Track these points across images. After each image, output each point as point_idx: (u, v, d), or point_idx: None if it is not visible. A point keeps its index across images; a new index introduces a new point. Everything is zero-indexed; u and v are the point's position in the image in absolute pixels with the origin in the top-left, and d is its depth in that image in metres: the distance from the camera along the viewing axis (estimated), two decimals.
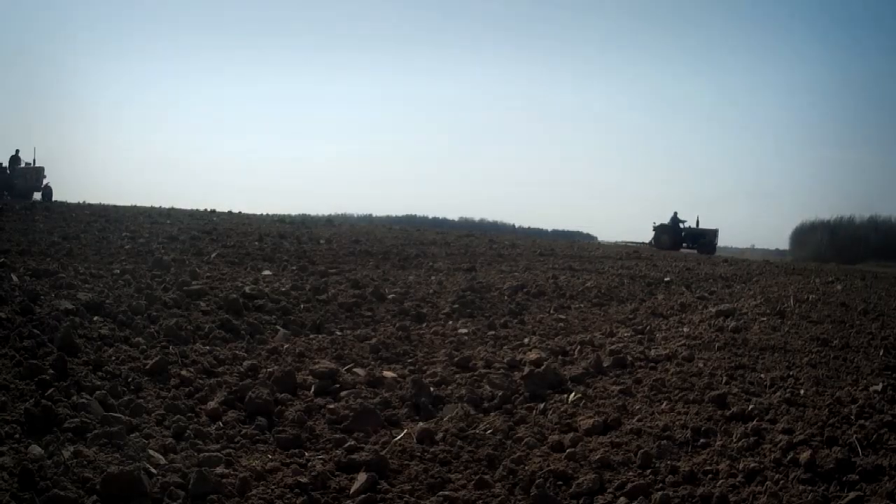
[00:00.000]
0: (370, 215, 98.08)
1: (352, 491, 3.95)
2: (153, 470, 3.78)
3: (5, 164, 42.53)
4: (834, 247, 67.41)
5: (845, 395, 6.89)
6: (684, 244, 42.33)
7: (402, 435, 4.85)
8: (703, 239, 42.81)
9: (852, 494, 4.44)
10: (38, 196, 41.22)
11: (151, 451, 4.08)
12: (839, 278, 23.38)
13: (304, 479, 3.94)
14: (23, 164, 42.67)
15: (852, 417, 6.16)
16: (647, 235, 45.90)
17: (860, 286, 21.26)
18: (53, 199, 39.49)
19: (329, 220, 43.74)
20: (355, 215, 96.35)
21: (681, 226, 44.23)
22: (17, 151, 43.03)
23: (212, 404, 4.94)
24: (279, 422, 4.90)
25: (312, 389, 5.63)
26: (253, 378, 5.63)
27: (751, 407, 6.23)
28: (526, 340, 8.50)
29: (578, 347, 8.17)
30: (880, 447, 5.52)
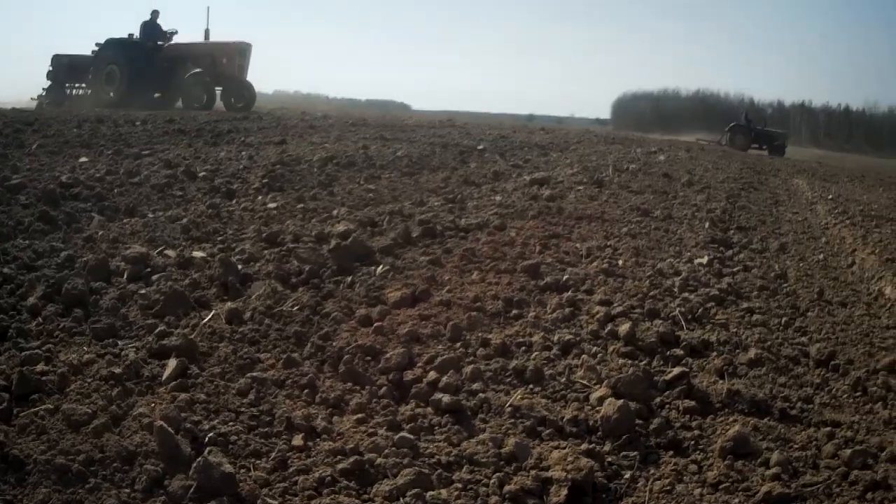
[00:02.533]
0: None
1: (164, 378, 3.89)
2: None
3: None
4: (658, 118, 69.95)
5: (667, 266, 7.15)
6: (755, 145, 42.13)
7: (210, 316, 4.78)
8: (776, 141, 42.75)
9: (677, 370, 4.58)
10: None
11: None
12: (662, 149, 24.20)
13: (117, 370, 3.83)
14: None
15: (675, 290, 6.39)
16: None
17: (685, 157, 22.05)
18: None
19: None
20: None
21: (753, 126, 44.24)
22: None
23: (31, 300, 4.76)
24: (94, 312, 4.74)
25: (125, 276, 5.48)
26: (70, 269, 5.45)
27: (566, 277, 6.38)
28: (335, 212, 8.48)
29: (387, 218, 8.18)
30: (707, 322, 5.75)
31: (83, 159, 11.07)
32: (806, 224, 11.81)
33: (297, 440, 3.47)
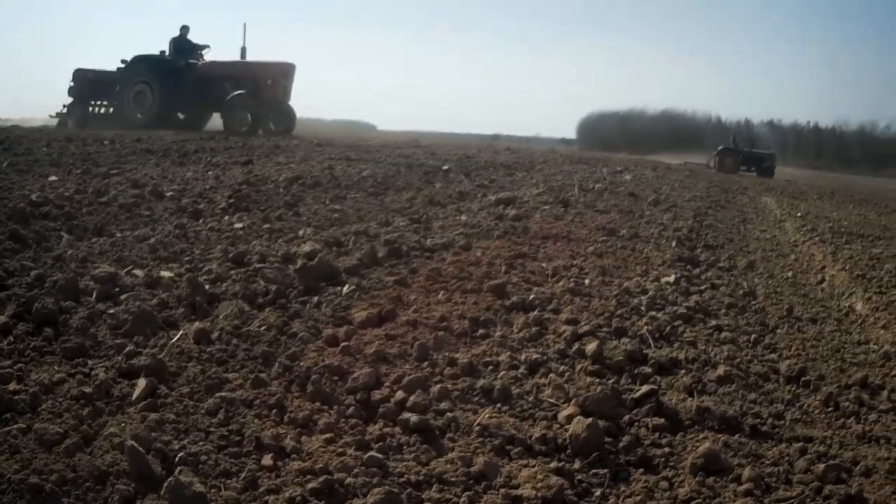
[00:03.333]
0: None
1: (133, 398, 3.90)
2: None
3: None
4: (624, 138, 70.29)
5: (634, 285, 7.23)
6: (743, 167, 42.35)
7: (178, 336, 4.79)
8: (765, 162, 43.02)
9: (646, 387, 4.61)
10: None
11: None
12: (628, 168, 24.40)
13: (88, 390, 3.85)
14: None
15: (642, 309, 6.47)
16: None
17: (651, 177, 22.24)
18: None
19: None
20: None
21: (741, 149, 44.43)
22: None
23: (2, 318, 4.75)
24: (65, 331, 4.74)
25: (94, 295, 5.47)
26: (40, 288, 5.44)
27: (532, 297, 6.44)
28: (301, 232, 8.51)
29: (353, 238, 8.22)
30: (675, 340, 5.82)
31: (52, 178, 11.09)
32: (774, 242, 11.94)
33: (267, 460, 3.49)
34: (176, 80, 29.51)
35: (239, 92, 29.11)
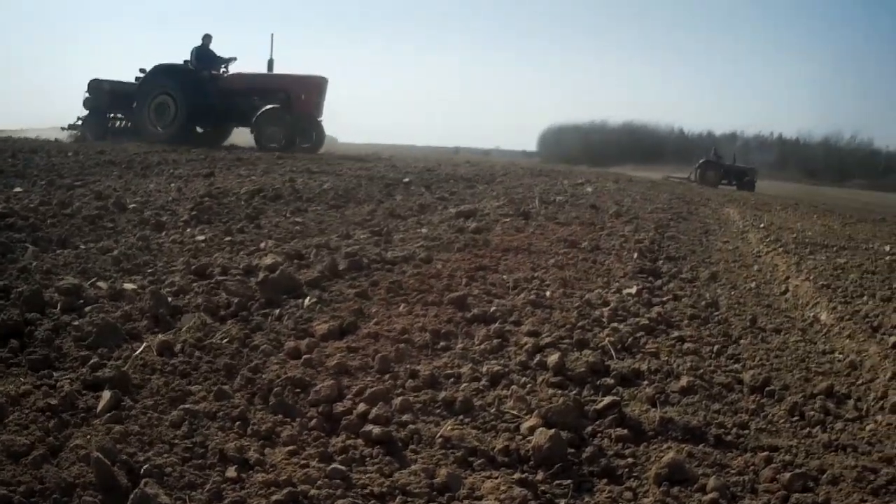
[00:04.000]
0: None
1: (98, 409, 3.91)
2: None
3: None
4: (586, 150, 70.73)
5: (596, 297, 7.31)
6: (724, 181, 42.87)
7: (142, 349, 4.80)
8: (746, 176, 44.06)
9: (608, 399, 4.65)
10: None
11: None
12: (590, 180, 24.56)
13: (53, 401, 3.86)
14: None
15: (604, 320, 6.55)
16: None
17: (613, 189, 22.40)
18: None
19: None
20: None
21: (723, 162, 45.18)
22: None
23: None
24: (30, 343, 4.75)
25: (59, 307, 5.48)
26: (5, 300, 5.46)
27: (493, 309, 6.51)
28: (262, 245, 8.55)
29: (314, 251, 8.24)
30: (637, 351, 5.89)
31: (17, 189, 11.11)
32: (737, 253, 12.09)
33: (231, 472, 3.51)
34: (201, 92, 28.17)
35: (272, 106, 27.90)
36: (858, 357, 6.18)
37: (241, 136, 30.07)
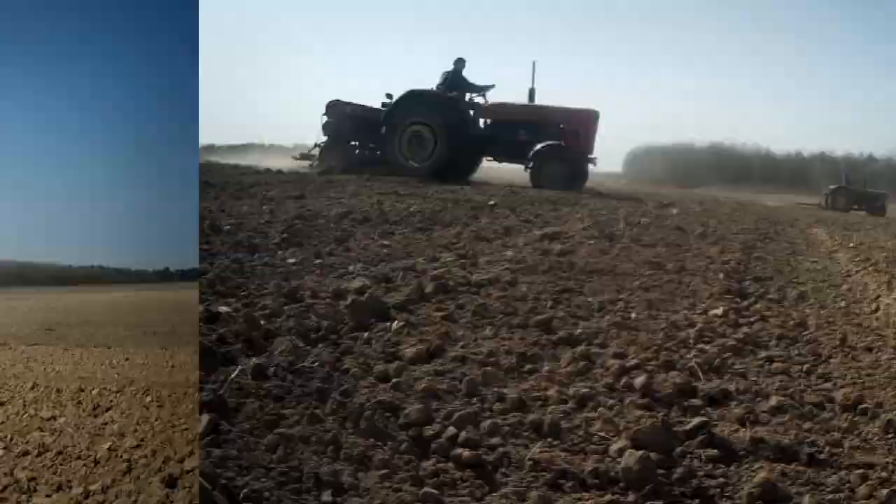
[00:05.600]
0: None
1: (199, 432, 4.03)
2: None
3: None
4: (672, 172, 70.17)
5: (682, 318, 7.29)
6: (855, 206, 41.70)
7: (236, 372, 4.91)
8: (878, 202, 43.41)
9: (697, 419, 4.60)
10: None
11: None
12: (675, 202, 24.36)
13: None
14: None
15: (690, 342, 6.53)
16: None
17: (698, 211, 22.23)
18: None
19: None
20: None
21: (854, 188, 44.59)
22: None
23: None
24: None
25: None
26: None
27: (579, 331, 6.52)
28: (350, 268, 8.69)
29: (401, 273, 8.36)
30: (724, 371, 5.84)
31: None
32: (826, 272, 11.83)
33: (327, 496, 3.55)
34: (464, 124, 26.42)
35: (553, 143, 26.17)
36: None
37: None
